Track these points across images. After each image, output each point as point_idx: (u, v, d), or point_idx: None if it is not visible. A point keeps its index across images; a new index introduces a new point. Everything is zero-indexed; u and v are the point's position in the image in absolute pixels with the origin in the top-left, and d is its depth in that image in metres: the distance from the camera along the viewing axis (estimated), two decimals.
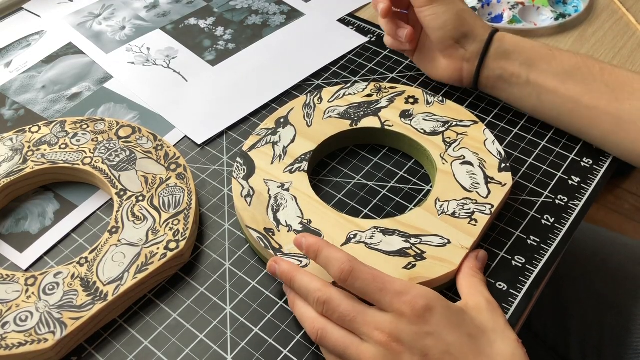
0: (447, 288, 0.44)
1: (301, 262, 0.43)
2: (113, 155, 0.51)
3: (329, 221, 0.46)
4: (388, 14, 0.54)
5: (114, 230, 0.46)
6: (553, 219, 0.49)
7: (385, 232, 0.45)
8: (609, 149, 0.53)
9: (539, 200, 0.50)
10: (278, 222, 0.46)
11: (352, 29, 0.68)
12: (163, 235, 0.46)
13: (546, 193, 0.51)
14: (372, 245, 0.44)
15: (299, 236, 0.42)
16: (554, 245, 0.47)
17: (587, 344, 0.60)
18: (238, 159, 0.50)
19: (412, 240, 0.45)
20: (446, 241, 0.44)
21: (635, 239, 0.68)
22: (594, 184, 0.51)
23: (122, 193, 0.49)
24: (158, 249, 0.45)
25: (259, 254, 0.47)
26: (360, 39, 0.67)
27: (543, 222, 0.49)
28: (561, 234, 0.48)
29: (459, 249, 0.44)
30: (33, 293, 0.42)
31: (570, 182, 0.52)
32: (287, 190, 0.48)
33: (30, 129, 0.54)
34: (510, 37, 0.53)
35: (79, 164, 0.51)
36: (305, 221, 0.46)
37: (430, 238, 0.45)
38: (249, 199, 0.47)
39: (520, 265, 0.46)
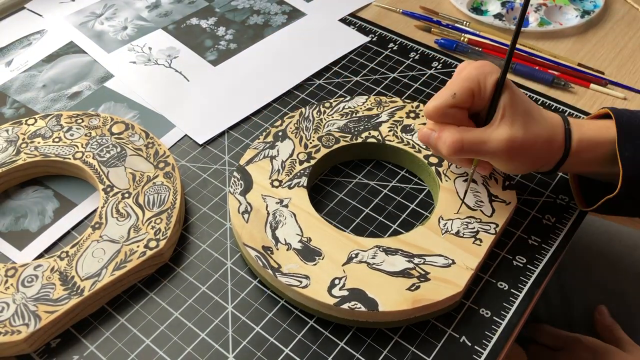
0: (454, 310, 0.43)
1: (301, 282, 0.42)
2: (104, 151, 0.51)
3: (329, 239, 0.44)
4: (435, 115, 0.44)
5: (97, 225, 0.46)
6: (554, 218, 0.49)
7: (388, 251, 0.44)
8: None
9: (540, 200, 0.50)
10: (277, 240, 0.44)
11: (353, 28, 0.68)
12: (144, 234, 0.45)
13: (547, 193, 0.51)
14: (374, 266, 0.43)
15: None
16: (555, 245, 0.47)
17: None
18: (235, 174, 0.49)
19: (416, 260, 0.43)
20: (451, 261, 0.43)
21: (627, 227, 0.69)
22: None
23: (108, 189, 0.49)
24: (138, 246, 0.45)
25: (256, 274, 0.45)
26: (362, 39, 0.67)
27: (544, 221, 0.48)
28: (562, 234, 0.48)
29: (463, 269, 0.43)
30: (12, 284, 0.43)
31: None
32: (286, 206, 0.46)
33: (26, 121, 0.54)
34: (587, 144, 0.44)
35: (69, 158, 0.51)
36: (305, 239, 0.44)
37: (434, 258, 0.43)
38: (246, 216, 0.46)
39: (522, 265, 0.46)
